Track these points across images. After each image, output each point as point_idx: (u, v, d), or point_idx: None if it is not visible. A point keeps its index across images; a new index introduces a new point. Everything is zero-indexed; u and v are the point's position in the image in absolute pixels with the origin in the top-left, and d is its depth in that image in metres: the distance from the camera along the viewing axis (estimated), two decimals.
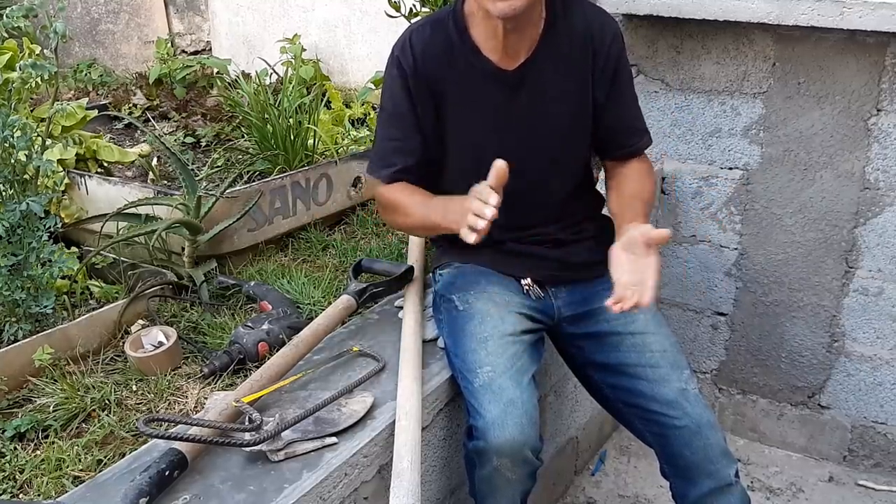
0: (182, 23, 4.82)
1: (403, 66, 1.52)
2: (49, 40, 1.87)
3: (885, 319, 2.14)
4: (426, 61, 1.51)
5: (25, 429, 1.51)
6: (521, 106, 1.53)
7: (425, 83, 1.52)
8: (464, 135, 1.56)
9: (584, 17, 1.53)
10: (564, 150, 1.58)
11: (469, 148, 1.56)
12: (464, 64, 1.51)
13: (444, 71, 1.52)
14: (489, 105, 1.53)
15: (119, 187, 2.28)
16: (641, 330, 1.55)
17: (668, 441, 1.49)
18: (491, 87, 1.52)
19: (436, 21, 1.55)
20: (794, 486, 2.26)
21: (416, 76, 1.52)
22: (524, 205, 1.59)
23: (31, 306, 1.75)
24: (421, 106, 1.54)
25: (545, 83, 1.52)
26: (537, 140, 1.55)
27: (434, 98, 1.53)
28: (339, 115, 3.10)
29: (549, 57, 1.51)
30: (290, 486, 1.23)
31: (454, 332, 1.55)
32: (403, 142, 1.57)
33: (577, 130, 1.58)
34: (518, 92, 1.52)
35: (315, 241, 2.35)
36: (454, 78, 1.52)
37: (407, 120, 1.55)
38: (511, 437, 1.36)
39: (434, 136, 1.57)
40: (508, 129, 1.54)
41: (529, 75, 1.51)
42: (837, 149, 2.07)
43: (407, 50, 1.52)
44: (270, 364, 1.45)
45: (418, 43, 1.52)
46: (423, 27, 1.54)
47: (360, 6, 3.86)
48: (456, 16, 1.52)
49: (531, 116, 1.54)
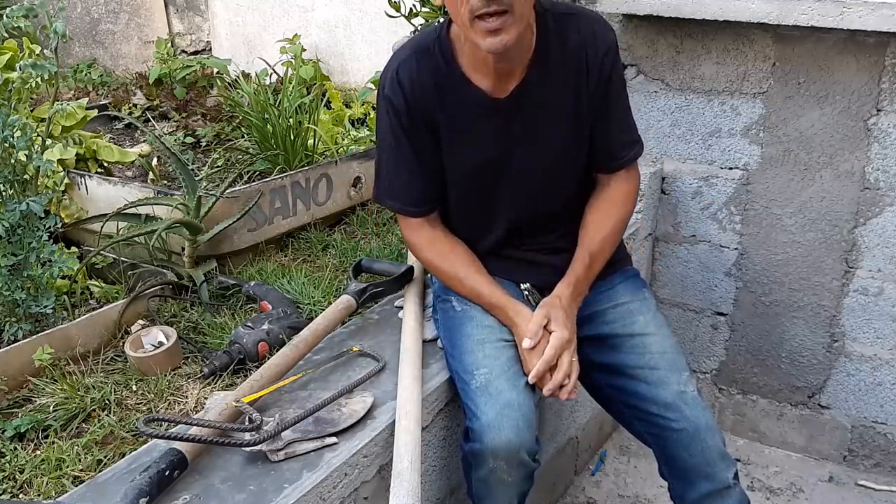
0: (182, 23, 4.82)
1: (394, 104, 1.48)
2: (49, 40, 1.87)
3: (885, 319, 2.14)
4: (416, 97, 1.47)
5: (25, 429, 1.51)
6: (516, 130, 1.50)
7: (419, 118, 1.49)
8: (461, 160, 1.54)
9: (577, 29, 1.47)
10: (563, 166, 1.57)
11: (468, 170, 1.55)
12: (455, 95, 1.47)
13: (435, 103, 1.48)
14: (484, 133, 1.50)
15: (119, 187, 2.28)
16: (641, 331, 1.55)
17: (667, 443, 1.49)
18: (484, 116, 1.49)
19: (421, 50, 1.48)
20: (794, 486, 2.26)
21: (409, 113, 1.48)
22: (524, 219, 1.59)
23: (31, 306, 1.75)
24: (417, 140, 1.52)
25: (539, 106, 1.49)
26: (535, 160, 1.53)
27: (429, 128, 1.51)
28: (339, 115, 3.10)
29: (542, 77, 1.47)
30: (290, 486, 1.22)
31: (451, 333, 1.55)
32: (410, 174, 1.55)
33: (575, 146, 1.55)
34: (511, 120, 1.49)
35: (315, 241, 2.35)
36: (446, 109, 1.49)
37: (408, 155, 1.53)
38: (507, 440, 1.36)
39: (437, 161, 1.55)
40: (505, 152, 1.52)
41: (522, 100, 1.48)
42: (837, 149, 2.07)
43: (395, 87, 1.47)
44: (270, 364, 1.45)
45: (406, 77, 1.47)
46: (408, 59, 1.48)
47: (360, 6, 3.86)
48: (442, 43, 1.47)
49: (527, 139, 1.51)
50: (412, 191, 1.57)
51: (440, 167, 1.56)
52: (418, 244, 1.61)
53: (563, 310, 1.48)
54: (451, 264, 1.57)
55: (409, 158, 1.54)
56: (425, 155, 1.54)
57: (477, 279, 1.55)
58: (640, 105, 2.28)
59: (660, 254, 2.43)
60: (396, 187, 1.58)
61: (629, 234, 2.17)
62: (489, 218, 1.60)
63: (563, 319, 1.46)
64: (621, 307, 1.59)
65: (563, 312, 1.47)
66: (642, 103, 2.28)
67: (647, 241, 2.38)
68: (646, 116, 2.29)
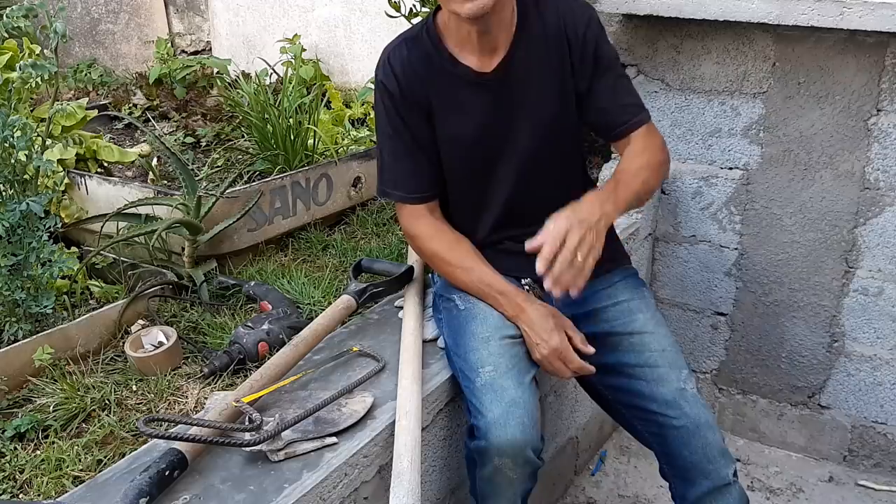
0: (182, 23, 4.82)
1: (389, 90, 1.54)
2: (49, 40, 1.87)
3: (885, 319, 2.14)
4: (408, 80, 1.53)
5: (25, 429, 1.51)
6: (504, 106, 1.54)
7: (413, 101, 1.54)
8: (453, 140, 1.58)
9: (556, 8, 1.53)
10: (554, 146, 1.59)
11: (459, 151, 1.58)
12: (443, 74, 1.53)
13: (426, 85, 1.54)
14: (473, 109, 1.55)
15: (119, 187, 2.28)
16: (640, 330, 1.55)
17: (667, 441, 1.49)
18: (472, 92, 1.54)
19: (411, 38, 1.56)
20: (794, 486, 2.26)
21: (403, 97, 1.54)
22: (520, 204, 1.60)
23: (31, 306, 1.75)
24: (414, 124, 1.56)
25: (524, 81, 1.53)
26: (524, 137, 1.56)
27: (423, 112, 1.56)
28: (339, 115, 3.10)
29: (525, 55, 1.52)
30: (290, 486, 1.22)
31: (455, 331, 1.55)
32: (410, 161, 1.58)
33: (562, 122, 1.58)
34: (499, 93, 1.54)
35: (315, 241, 2.35)
36: (437, 89, 1.54)
37: (406, 140, 1.57)
38: (513, 437, 1.36)
39: (434, 146, 1.59)
40: (495, 129, 1.56)
41: (507, 75, 1.53)
42: (837, 149, 2.07)
43: (388, 73, 1.54)
44: (270, 364, 1.45)
45: (397, 63, 1.53)
46: (399, 46, 1.56)
47: (360, 6, 3.86)
48: (430, 29, 1.54)
49: (514, 114, 1.55)
50: (414, 177, 1.59)
51: (438, 152, 1.59)
52: (423, 234, 1.61)
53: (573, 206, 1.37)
54: (458, 255, 1.58)
55: (408, 145, 1.57)
56: (423, 140, 1.57)
57: (483, 269, 1.56)
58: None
59: (660, 254, 2.43)
60: (398, 176, 1.60)
61: (629, 233, 2.17)
62: (485, 197, 1.61)
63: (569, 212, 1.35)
64: (620, 305, 1.59)
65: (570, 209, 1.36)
66: None
67: (647, 241, 2.38)
68: None
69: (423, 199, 1.60)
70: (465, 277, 1.57)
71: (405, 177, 1.60)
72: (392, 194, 1.63)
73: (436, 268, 1.67)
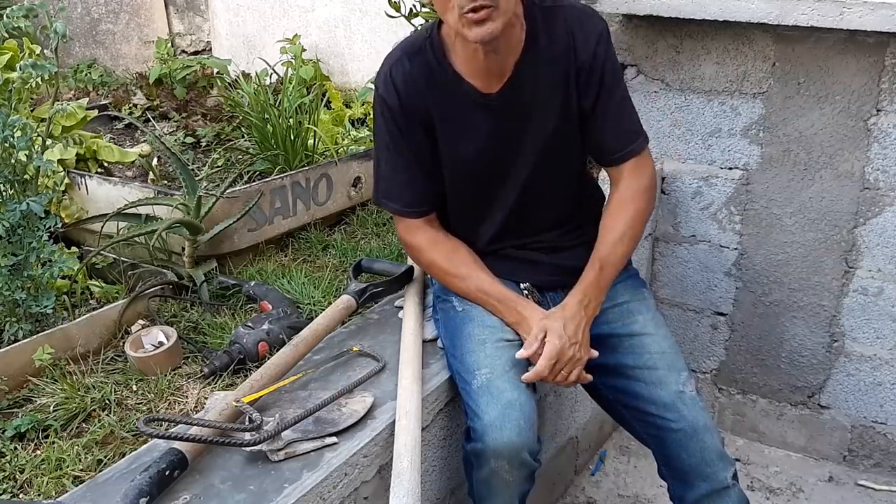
0: (182, 23, 4.82)
1: (389, 104, 1.50)
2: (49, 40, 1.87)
3: (885, 319, 2.14)
4: (410, 95, 1.49)
5: (25, 429, 1.51)
6: (507, 128, 1.51)
7: (413, 116, 1.51)
8: (455, 159, 1.55)
9: (565, 23, 1.48)
10: (555, 161, 1.57)
11: (462, 166, 1.56)
12: (447, 91, 1.49)
13: (428, 101, 1.50)
14: (476, 130, 1.52)
15: (119, 187, 2.28)
16: (640, 331, 1.55)
17: (665, 443, 1.49)
18: (476, 112, 1.50)
19: (413, 51, 1.51)
20: (794, 486, 2.26)
21: (404, 112, 1.50)
22: (520, 216, 1.59)
23: (31, 306, 1.75)
24: (414, 140, 1.53)
25: (529, 101, 1.50)
26: (527, 156, 1.54)
27: (424, 127, 1.52)
28: (339, 115, 3.10)
29: (532, 74, 1.48)
30: (290, 486, 1.23)
31: (452, 333, 1.55)
32: (408, 175, 1.56)
33: (566, 142, 1.55)
34: (503, 114, 1.50)
35: (315, 241, 2.35)
36: (439, 105, 1.50)
37: (406, 155, 1.54)
38: (509, 440, 1.36)
39: (434, 162, 1.56)
40: (498, 147, 1.53)
41: (513, 97, 1.49)
42: (837, 149, 2.07)
43: (390, 87, 1.50)
44: (270, 364, 1.45)
45: (399, 77, 1.49)
46: (401, 60, 1.50)
47: (360, 6, 3.86)
48: (433, 42, 1.49)
49: (518, 134, 1.52)
50: (411, 192, 1.57)
51: (438, 167, 1.56)
52: (419, 246, 1.60)
53: (563, 319, 1.45)
54: (455, 264, 1.57)
55: (407, 159, 1.55)
56: (422, 155, 1.54)
57: (482, 277, 1.55)
58: (639, 105, 2.28)
59: (660, 254, 2.43)
60: (395, 189, 1.58)
61: None
62: (486, 211, 1.60)
63: (559, 330, 1.43)
64: (620, 307, 1.59)
65: (560, 323, 1.44)
66: (642, 103, 2.28)
67: (647, 241, 2.38)
68: (646, 116, 2.29)
69: (419, 214, 1.59)
70: (463, 286, 1.56)
71: (402, 189, 1.57)
72: (388, 205, 1.61)
73: (434, 276, 1.66)
